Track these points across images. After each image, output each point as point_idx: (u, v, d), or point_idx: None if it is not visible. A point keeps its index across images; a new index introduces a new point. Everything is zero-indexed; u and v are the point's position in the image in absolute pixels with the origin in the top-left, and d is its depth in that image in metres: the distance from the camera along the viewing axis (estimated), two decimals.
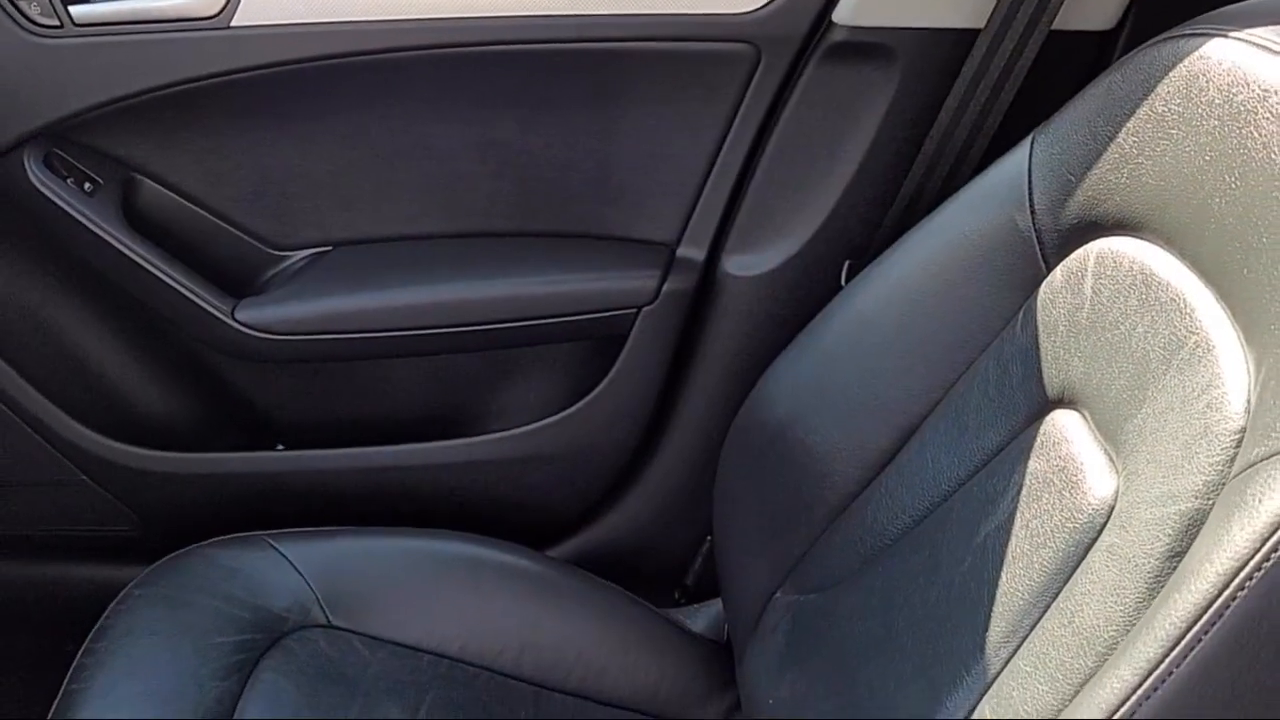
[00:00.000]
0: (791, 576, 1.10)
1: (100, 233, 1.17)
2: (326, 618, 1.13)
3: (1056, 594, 0.81)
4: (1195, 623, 0.63)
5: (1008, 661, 0.83)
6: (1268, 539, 0.63)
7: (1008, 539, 0.89)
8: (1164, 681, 0.64)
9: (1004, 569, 0.88)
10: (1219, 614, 0.63)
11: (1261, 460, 0.66)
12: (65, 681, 1.05)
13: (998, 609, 0.86)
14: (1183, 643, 0.63)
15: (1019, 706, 0.76)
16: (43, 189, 1.15)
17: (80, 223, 1.16)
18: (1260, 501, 0.64)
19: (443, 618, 1.17)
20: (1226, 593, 0.63)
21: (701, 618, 1.29)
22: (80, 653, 1.08)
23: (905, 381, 1.04)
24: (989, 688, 0.82)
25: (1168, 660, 0.64)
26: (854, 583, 1.03)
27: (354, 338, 1.21)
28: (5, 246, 1.20)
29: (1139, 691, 0.64)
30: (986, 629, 0.86)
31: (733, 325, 1.23)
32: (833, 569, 1.05)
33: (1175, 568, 0.71)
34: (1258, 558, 0.63)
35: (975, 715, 0.82)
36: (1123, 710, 0.64)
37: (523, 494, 1.29)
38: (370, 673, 1.10)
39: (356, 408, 1.29)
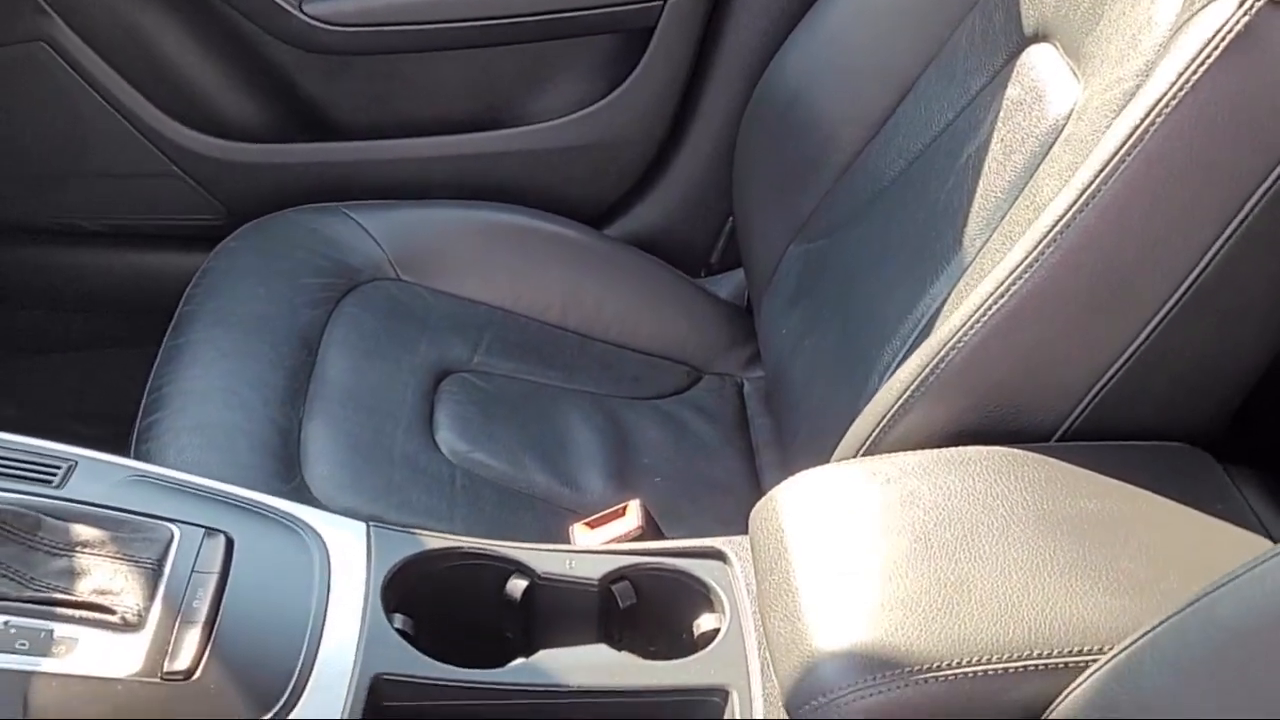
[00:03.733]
0: (803, 230, 1.25)
1: None
2: (396, 273, 1.29)
3: (1024, 187, 0.96)
4: (1120, 149, 0.78)
5: (981, 249, 0.98)
6: (1175, 81, 0.77)
7: (985, 154, 1.03)
8: (1091, 200, 0.79)
9: (981, 179, 1.02)
10: (1138, 141, 0.77)
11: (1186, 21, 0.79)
12: (170, 326, 1.22)
13: (975, 210, 1.01)
14: (1109, 166, 0.78)
15: (986, 272, 0.91)
16: None
17: None
18: (1181, 49, 0.78)
19: (496, 276, 1.33)
20: (1145, 122, 0.77)
21: (725, 285, 1.45)
22: (183, 300, 1.25)
23: (902, 43, 1.18)
24: (965, 270, 0.98)
25: (1097, 180, 0.79)
26: (855, 222, 1.18)
27: (405, 30, 1.35)
28: None
29: (1074, 207, 0.79)
30: (965, 226, 1.02)
31: (752, 17, 1.36)
32: (838, 215, 1.20)
33: None
34: (1167, 96, 0.77)
35: (952, 293, 0.98)
36: (1059, 224, 0.79)
37: (561, 183, 1.43)
38: (435, 315, 1.27)
39: (411, 106, 1.44)
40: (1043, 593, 0.71)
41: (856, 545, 0.75)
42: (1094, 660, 0.66)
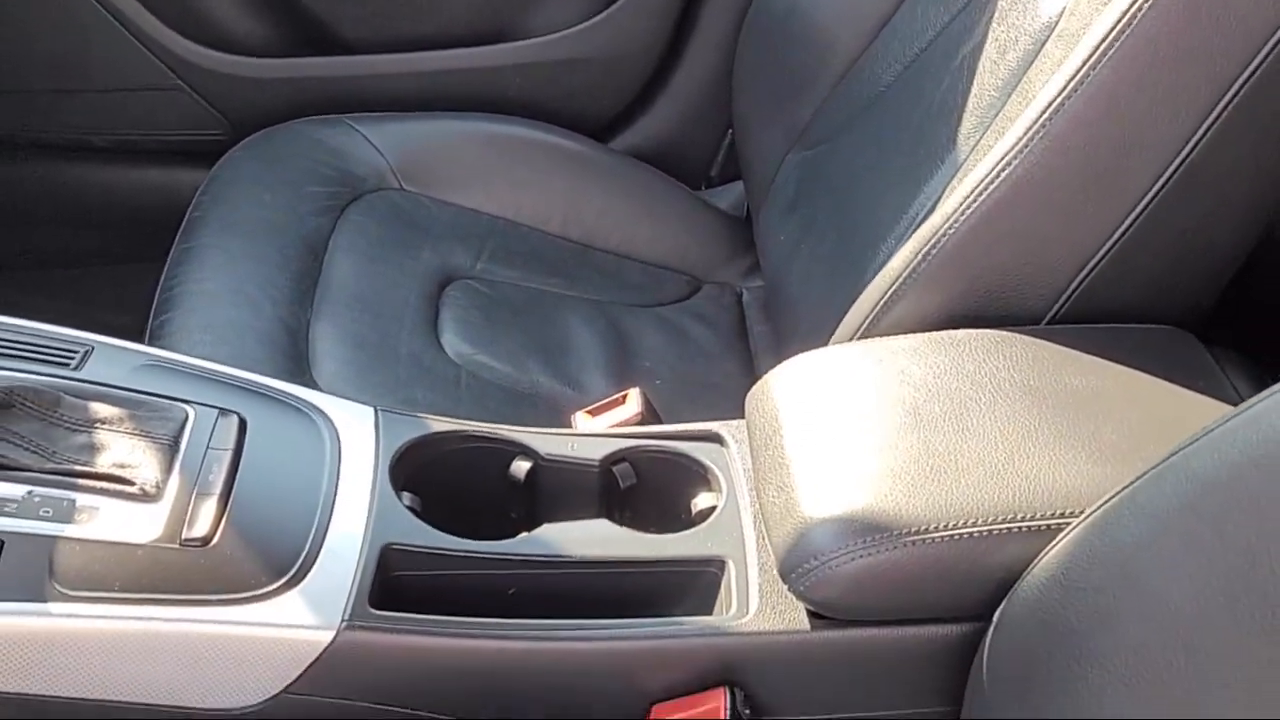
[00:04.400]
0: (801, 138, 1.27)
1: None
2: (399, 183, 1.31)
3: (1017, 84, 0.98)
4: (1107, 37, 0.80)
5: (975, 146, 0.99)
6: None
7: (980, 54, 1.04)
8: (1079, 87, 0.81)
9: (975, 78, 1.04)
10: (1125, 29, 0.79)
11: None
12: (179, 230, 1.24)
13: (969, 109, 1.03)
14: (1096, 54, 0.80)
15: (981, 172, 0.93)
16: None
17: None
18: None
19: (498, 187, 1.35)
20: (1132, 10, 0.79)
21: (725, 197, 1.47)
22: (191, 206, 1.27)
23: None
24: (959, 169, 1.00)
25: (1085, 67, 0.80)
26: (852, 128, 1.19)
27: None
28: None
29: (1062, 94, 0.81)
30: (959, 125, 1.03)
31: None
32: (835, 122, 1.22)
33: None
34: None
35: (945, 188, 0.99)
36: (1048, 111, 0.81)
37: (563, 96, 1.45)
38: (438, 224, 1.29)
39: (414, 20, 1.44)
40: (1027, 461, 0.74)
41: (848, 420, 0.78)
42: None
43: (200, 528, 0.73)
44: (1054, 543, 0.67)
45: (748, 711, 0.75)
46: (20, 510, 0.72)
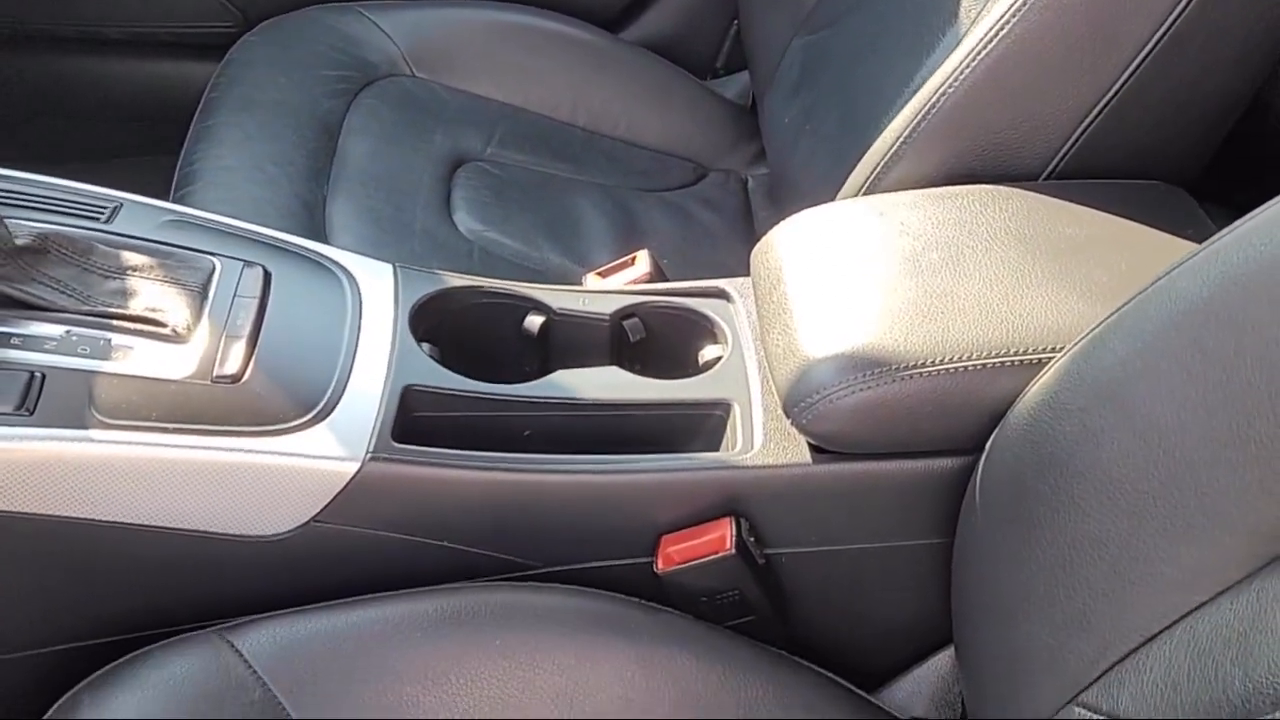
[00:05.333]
0: (805, 22, 1.29)
1: None
2: (410, 70, 1.34)
3: None
4: None
5: (977, 16, 1.01)
6: None
7: None
8: None
9: None
10: None
11: None
12: (195, 115, 1.26)
13: None
14: None
15: (979, 32, 0.94)
16: None
17: None
18: None
19: (509, 75, 1.37)
20: None
21: (731, 87, 1.49)
22: (208, 87, 1.29)
23: None
24: (960, 37, 1.02)
25: None
26: (856, 9, 1.21)
27: None
28: None
29: None
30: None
31: None
32: (840, 5, 1.24)
33: None
34: None
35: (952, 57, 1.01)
36: None
37: None
38: (449, 109, 1.31)
39: None
40: (1020, 301, 0.77)
41: (848, 267, 0.81)
42: None
43: (230, 366, 0.76)
44: (1044, 370, 0.71)
45: (752, 539, 0.79)
46: (59, 348, 0.75)
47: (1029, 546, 0.70)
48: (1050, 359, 0.73)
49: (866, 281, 0.79)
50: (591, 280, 0.97)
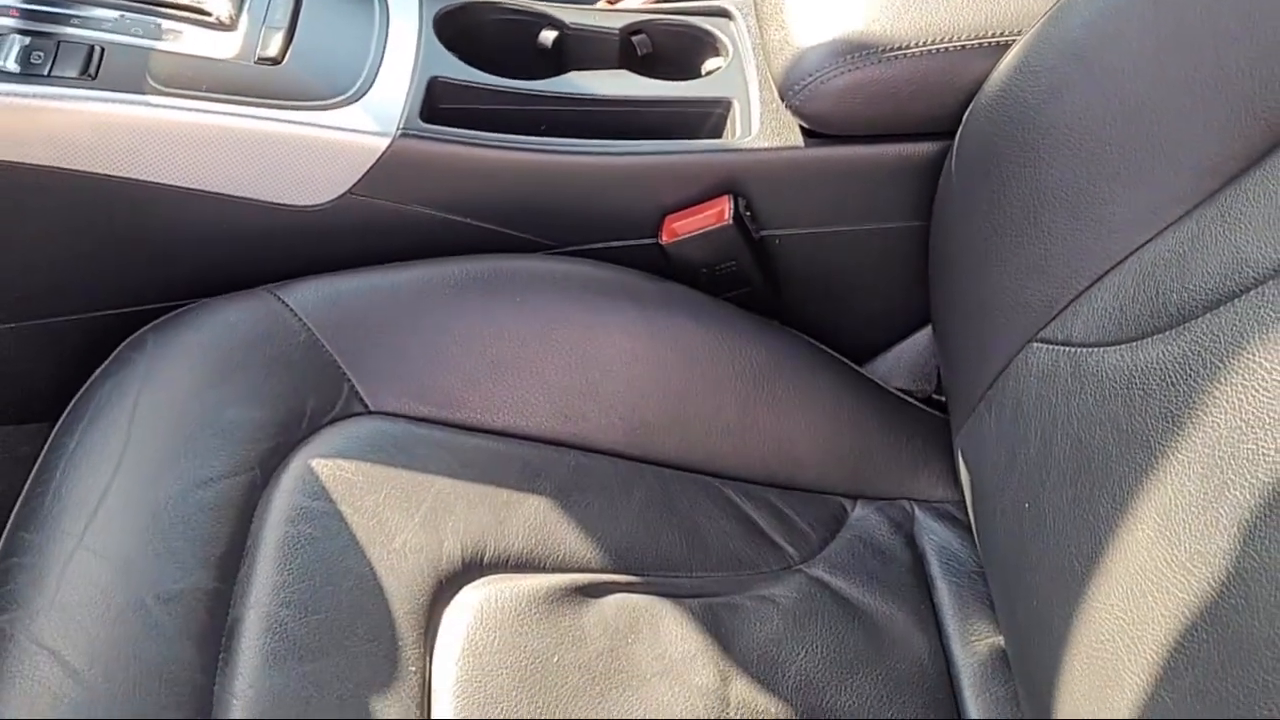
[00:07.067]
0: None
1: None
2: None
3: None
4: None
5: None
6: None
7: None
8: None
9: None
10: None
11: None
12: None
13: None
14: None
15: None
16: None
17: None
18: None
19: None
20: None
21: None
22: None
23: None
24: None
25: None
26: None
27: None
28: None
29: None
30: None
31: None
32: None
33: None
34: None
35: None
36: None
37: None
38: None
39: None
40: None
41: None
42: None
43: (271, 49, 0.83)
44: (1017, 41, 0.77)
45: (749, 215, 0.86)
46: (115, 28, 0.82)
47: (997, 203, 0.77)
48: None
49: None
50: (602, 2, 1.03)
